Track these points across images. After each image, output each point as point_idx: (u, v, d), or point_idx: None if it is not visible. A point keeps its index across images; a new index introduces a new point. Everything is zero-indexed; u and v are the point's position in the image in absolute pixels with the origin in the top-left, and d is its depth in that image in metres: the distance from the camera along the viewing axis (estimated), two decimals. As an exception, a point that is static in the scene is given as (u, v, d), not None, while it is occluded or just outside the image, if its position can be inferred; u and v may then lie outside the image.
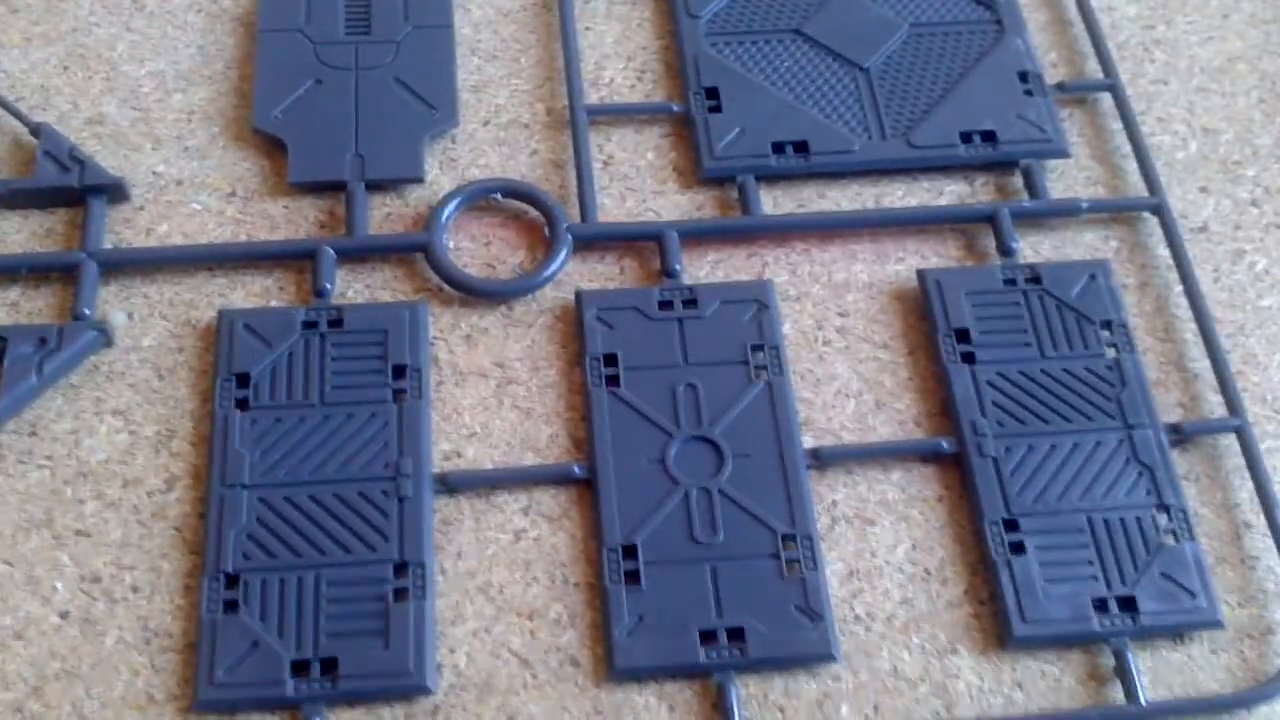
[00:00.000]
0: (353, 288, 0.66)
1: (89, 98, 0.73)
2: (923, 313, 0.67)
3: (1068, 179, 0.73)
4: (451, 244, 0.68)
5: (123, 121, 0.71)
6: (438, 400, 0.62)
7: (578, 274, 0.68)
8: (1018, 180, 0.72)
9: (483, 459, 0.61)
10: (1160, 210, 0.71)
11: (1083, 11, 0.80)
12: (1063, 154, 0.72)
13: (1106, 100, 0.76)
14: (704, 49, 0.75)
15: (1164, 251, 0.70)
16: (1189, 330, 0.67)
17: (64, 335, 0.61)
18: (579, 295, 0.65)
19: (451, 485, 0.59)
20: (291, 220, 0.68)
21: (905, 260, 0.69)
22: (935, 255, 0.70)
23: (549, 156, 0.72)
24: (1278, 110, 0.77)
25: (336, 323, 0.63)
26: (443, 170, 0.71)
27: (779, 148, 0.71)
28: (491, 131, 0.73)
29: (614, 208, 0.70)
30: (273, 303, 0.66)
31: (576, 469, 0.60)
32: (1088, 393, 0.63)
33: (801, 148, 0.72)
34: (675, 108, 0.74)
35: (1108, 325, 0.65)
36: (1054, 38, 0.79)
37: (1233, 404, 0.64)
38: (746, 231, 0.69)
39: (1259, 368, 0.67)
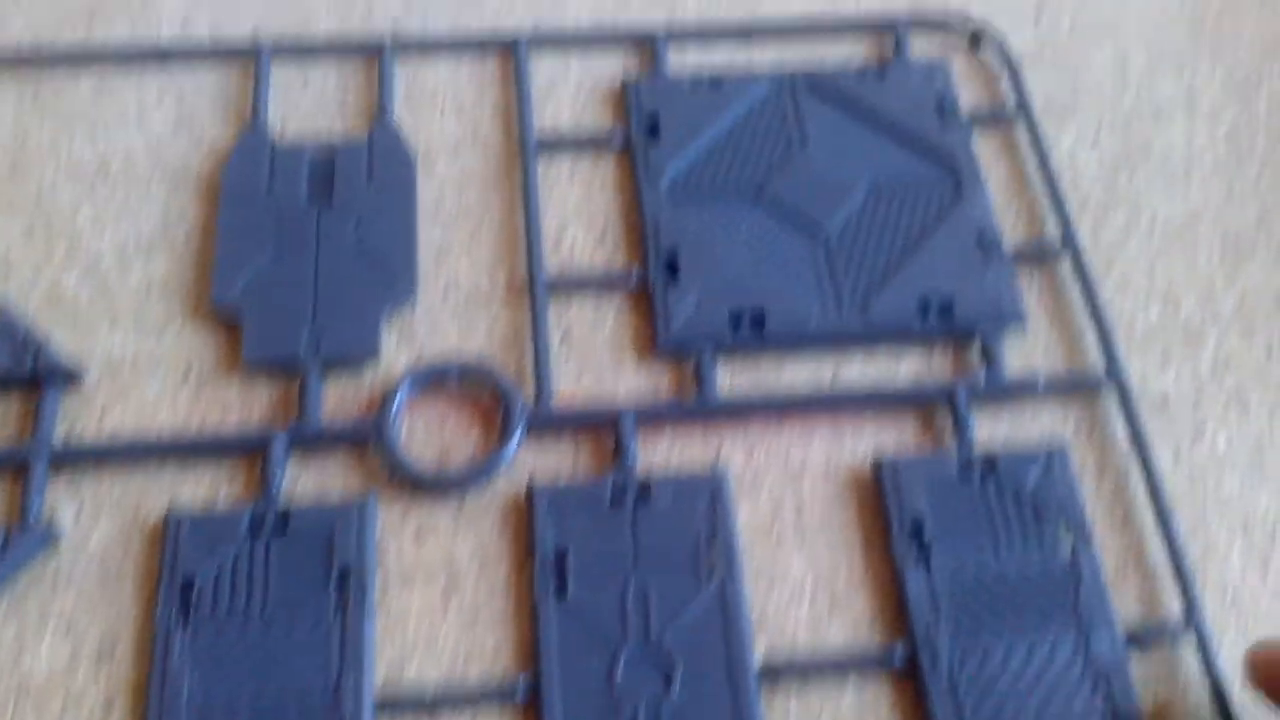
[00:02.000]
0: (304, 479, 0.62)
1: (50, 268, 0.68)
2: (879, 501, 0.61)
3: (1026, 348, 0.69)
4: (405, 427, 0.63)
5: (82, 297, 0.67)
6: (382, 608, 0.57)
7: (531, 459, 0.63)
8: (976, 351, 0.66)
9: (427, 671, 0.56)
10: (1119, 385, 0.66)
11: (1043, 168, 0.75)
12: (1019, 322, 0.67)
13: (1066, 266, 0.71)
14: (663, 214, 0.70)
15: (1123, 430, 0.65)
16: (1147, 518, 0.62)
17: (10, 540, 0.56)
18: (530, 490, 0.60)
19: (392, 706, 0.54)
20: (246, 404, 0.64)
21: (862, 442, 0.65)
22: (893, 433, 0.65)
23: (506, 331, 0.67)
24: (1239, 271, 0.71)
25: (283, 522, 0.58)
26: (400, 345, 0.66)
27: (736, 319, 0.67)
28: (450, 304, 0.68)
29: (571, 385, 0.65)
30: (223, 492, 0.61)
31: (520, 689, 0.54)
32: (1044, 594, 0.58)
33: (759, 319, 0.67)
34: (635, 275, 0.69)
35: (1065, 517, 0.60)
36: (1013, 197, 0.75)
37: (1191, 604, 0.58)
38: (702, 413, 0.64)
39: (1219, 558, 0.61)
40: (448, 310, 0.68)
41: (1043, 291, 0.71)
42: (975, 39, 0.81)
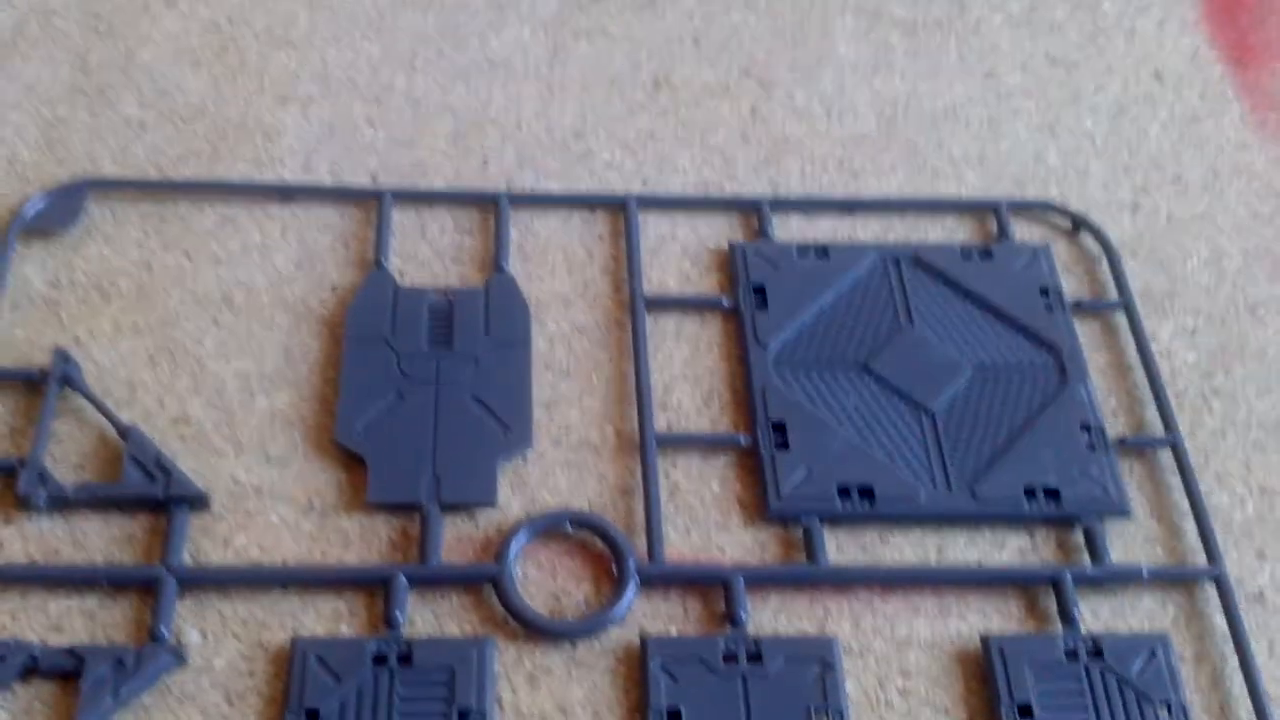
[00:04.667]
0: (421, 615, 0.69)
1: (175, 395, 0.77)
2: (984, 677, 0.69)
3: (1127, 538, 0.76)
4: (520, 572, 0.70)
5: (207, 423, 0.75)
6: (499, 748, 0.64)
7: (641, 611, 0.71)
8: (1078, 537, 0.75)
9: (543, 817, 0.63)
10: (1218, 580, 0.74)
11: (1143, 358, 0.84)
12: (1124, 514, 0.75)
13: (1166, 455, 0.79)
14: (771, 380, 0.79)
15: (1221, 621, 0.73)
16: (1244, 708, 0.69)
17: (141, 658, 0.64)
18: (644, 642, 0.68)
19: None
20: (365, 539, 0.71)
21: (967, 618, 0.72)
22: (997, 614, 0.72)
23: (616, 482, 0.75)
24: (1334, 471, 0.80)
25: (406, 658, 0.66)
26: (514, 491, 0.74)
27: (845, 491, 0.75)
28: (562, 453, 0.76)
29: (679, 540, 0.73)
30: (344, 626, 0.68)
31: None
32: (1147, 782, 0.64)
33: (867, 493, 0.75)
34: (743, 440, 0.77)
35: (1167, 705, 0.68)
36: (1113, 383, 0.83)
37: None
38: (811, 580, 0.72)
39: (1315, 756, 0.68)
40: (559, 460, 0.77)
41: (1144, 482, 0.79)
42: (1076, 226, 0.91)
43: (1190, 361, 0.85)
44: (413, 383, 0.77)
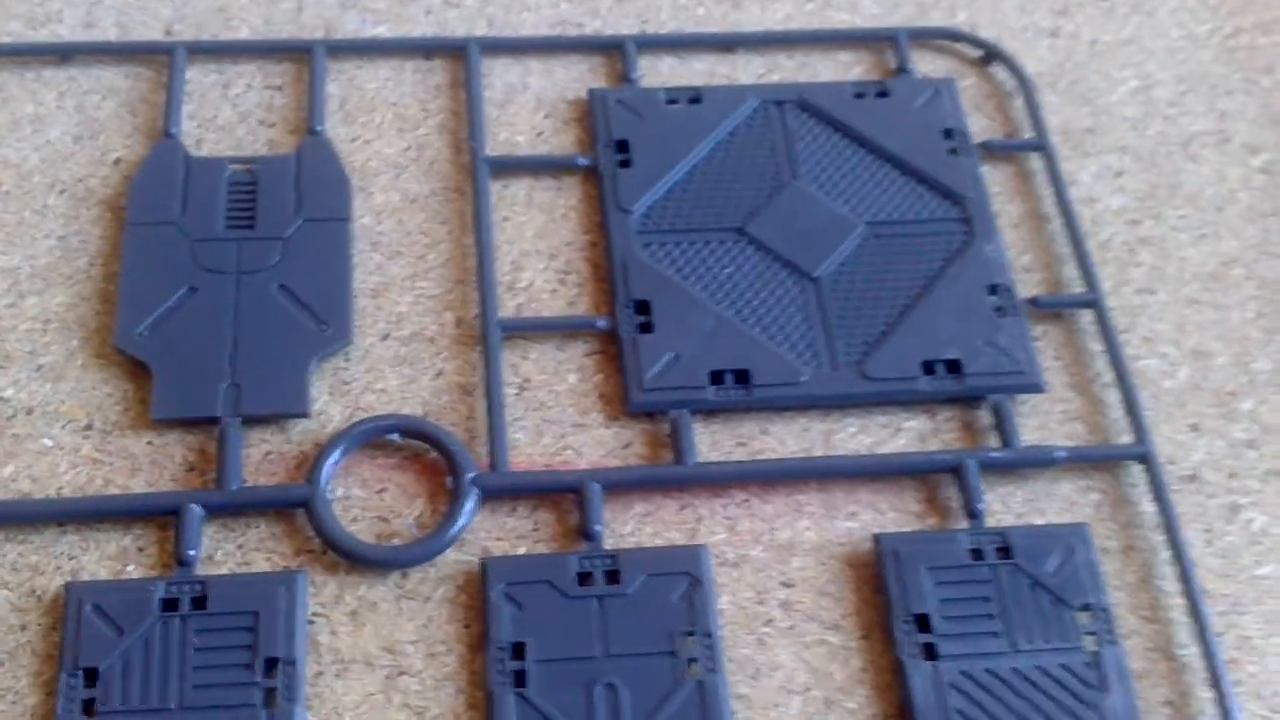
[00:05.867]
0: (224, 549, 0.63)
1: (-73, 299, 0.68)
2: (878, 584, 0.63)
3: (1042, 413, 0.71)
4: (340, 492, 0.64)
5: (-36, 332, 0.67)
6: (315, 697, 0.59)
7: (484, 529, 0.65)
8: (985, 416, 0.70)
9: (365, 777, 0.57)
10: (1146, 459, 0.69)
11: (1061, 205, 0.77)
12: (1037, 389, 0.70)
13: (1086, 317, 0.73)
14: (634, 251, 0.72)
15: (1150, 507, 0.68)
16: (1177, 607, 0.64)
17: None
18: (484, 566, 0.61)
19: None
20: (156, 462, 0.65)
21: (858, 515, 0.67)
22: (892, 510, 0.67)
23: (456, 379, 0.68)
24: (1277, 326, 0.74)
25: (200, 601, 0.60)
26: (333, 396, 0.68)
27: (717, 377, 0.69)
28: (391, 347, 0.69)
29: (528, 445, 0.67)
30: (131, 567, 0.62)
31: (472, 800, 0.56)
32: (1063, 696, 0.60)
33: (742, 377, 0.69)
34: (601, 323, 0.71)
35: (1087, 608, 0.63)
36: (1027, 238, 0.77)
37: (1226, 709, 0.61)
38: (678, 482, 0.66)
39: (1255, 654, 0.64)
40: (388, 356, 0.70)
41: (1060, 349, 0.73)
42: (986, 57, 0.83)
43: (1115, 207, 0.79)
44: (207, 273, 0.69)
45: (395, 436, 0.66)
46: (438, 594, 0.63)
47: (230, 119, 0.77)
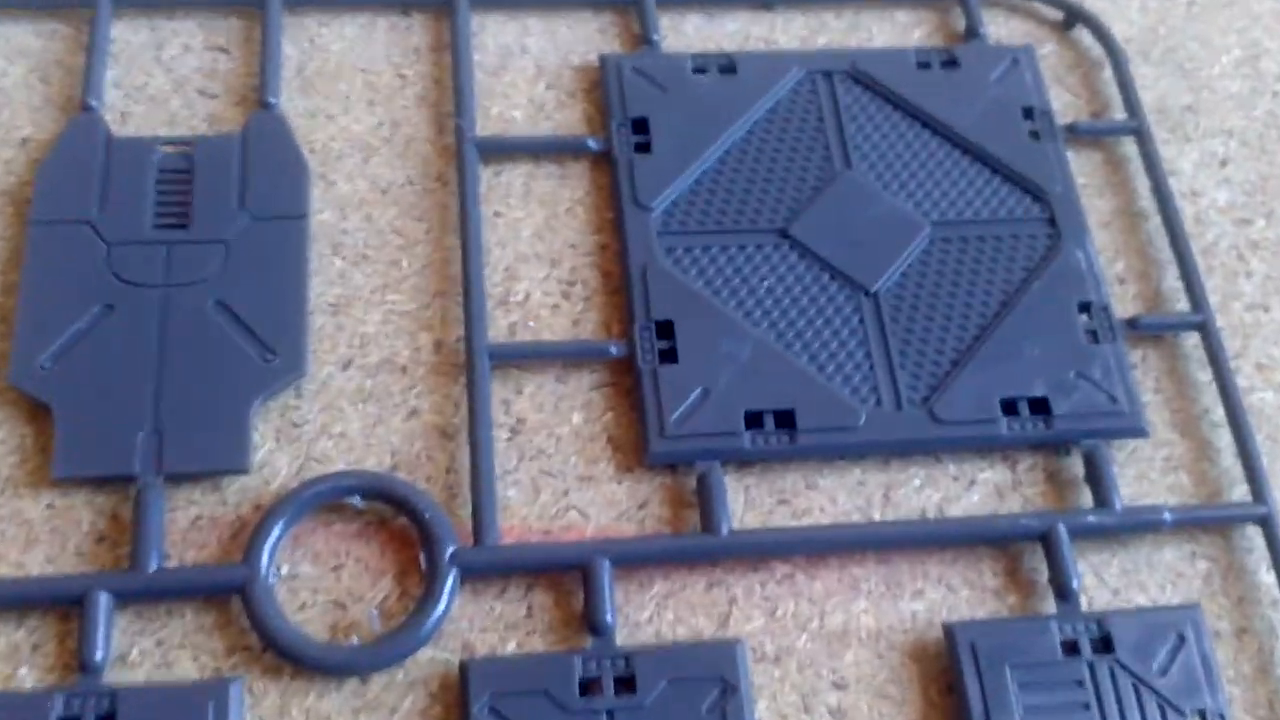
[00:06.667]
0: (139, 645, 0.52)
1: None
2: (950, 683, 0.53)
3: (1140, 460, 0.60)
4: (286, 571, 0.52)
5: None
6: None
7: (466, 618, 0.53)
8: (1076, 464, 0.59)
9: None
10: (1266, 521, 0.58)
11: (1160, 202, 0.66)
12: (1140, 433, 0.59)
13: (1190, 339, 0.63)
14: (656, 260, 0.60)
15: (1268, 577, 0.57)
16: (1308, 705, 0.53)
17: None
18: (465, 669, 0.50)
19: None
20: (57, 530, 0.54)
21: (925, 594, 0.56)
22: (966, 586, 0.56)
23: (434, 420, 0.57)
24: None
25: (109, 719, 0.48)
26: (280, 444, 0.56)
27: (755, 419, 0.57)
28: (353, 379, 0.58)
29: (523, 505, 0.56)
30: (22, 671, 0.50)
31: None
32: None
33: (786, 419, 0.57)
34: (613, 349, 0.59)
35: (1201, 715, 0.52)
36: (1120, 238, 0.65)
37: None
38: (707, 555, 0.55)
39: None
40: (349, 390, 0.58)
41: (1160, 380, 0.62)
42: (1069, 19, 0.72)
43: (1221, 204, 0.68)
44: (127, 286, 0.57)
45: (356, 499, 0.54)
46: (405, 705, 0.51)
47: (163, 88, 0.65)
